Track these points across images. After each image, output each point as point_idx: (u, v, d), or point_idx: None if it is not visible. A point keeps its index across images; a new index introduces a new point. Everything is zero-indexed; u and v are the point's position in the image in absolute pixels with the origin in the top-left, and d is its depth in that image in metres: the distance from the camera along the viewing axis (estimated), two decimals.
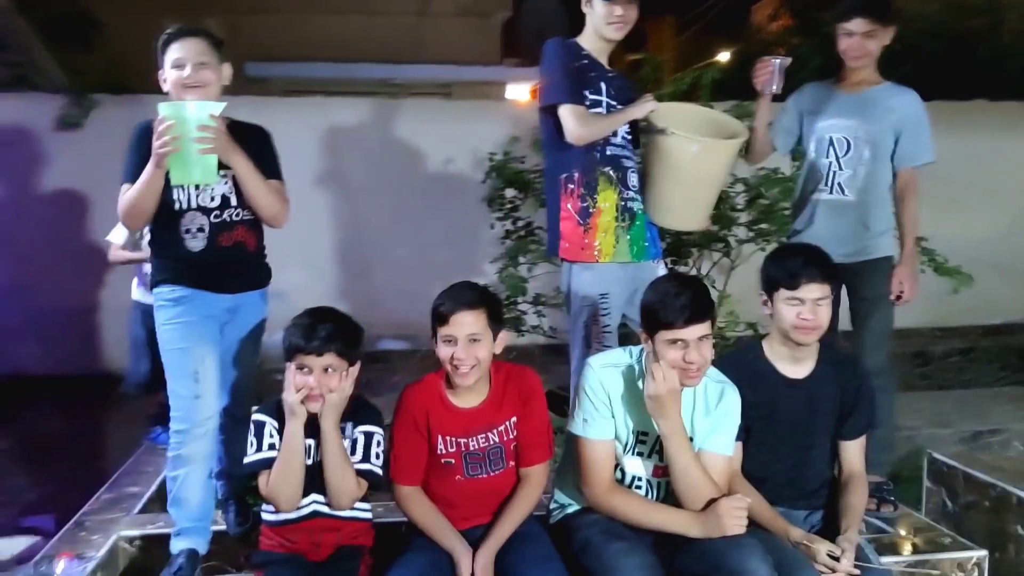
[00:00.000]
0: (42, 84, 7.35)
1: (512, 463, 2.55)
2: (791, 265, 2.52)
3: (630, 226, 3.04)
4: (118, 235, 4.09)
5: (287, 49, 10.01)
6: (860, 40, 3.16)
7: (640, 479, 2.52)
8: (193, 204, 2.65)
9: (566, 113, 2.94)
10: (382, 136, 6.89)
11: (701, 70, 4.75)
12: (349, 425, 2.50)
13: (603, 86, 3.04)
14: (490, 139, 5.28)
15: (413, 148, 6.90)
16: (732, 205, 4.70)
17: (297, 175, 6.49)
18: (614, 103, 3.06)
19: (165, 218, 2.65)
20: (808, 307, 2.48)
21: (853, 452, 2.67)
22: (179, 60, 2.61)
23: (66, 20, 7.96)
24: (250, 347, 2.85)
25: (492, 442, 2.51)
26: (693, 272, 4.81)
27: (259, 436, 2.47)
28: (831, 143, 3.25)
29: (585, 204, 2.99)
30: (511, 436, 2.53)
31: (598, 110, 3.02)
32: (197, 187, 2.63)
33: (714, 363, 2.59)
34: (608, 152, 3.01)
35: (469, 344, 2.40)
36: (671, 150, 2.95)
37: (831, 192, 3.26)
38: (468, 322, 2.40)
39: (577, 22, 3.16)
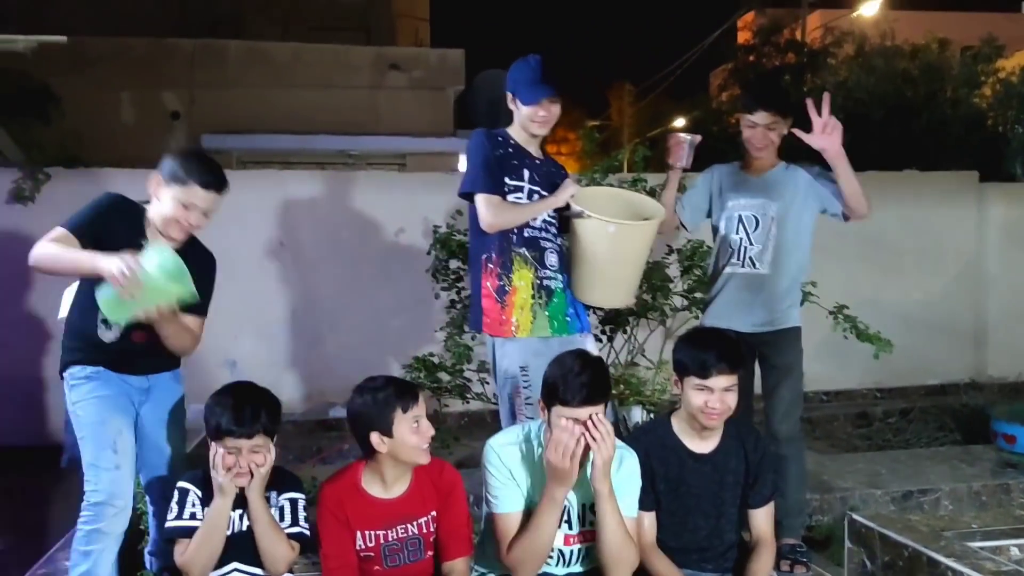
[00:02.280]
0: None
1: (431, 553, 2.59)
2: (701, 356, 2.63)
3: (547, 303, 3.15)
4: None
5: (244, 121, 10.16)
6: (763, 131, 3.37)
7: (552, 549, 2.58)
8: None
9: (480, 201, 3.09)
10: (336, 207, 6.94)
11: (633, 148, 4.97)
12: (274, 494, 2.59)
13: (526, 172, 3.18)
14: (442, 210, 5.39)
15: (366, 219, 6.97)
16: (666, 275, 4.86)
17: (252, 246, 6.67)
18: (537, 188, 3.20)
19: (85, 305, 2.70)
20: (716, 396, 2.61)
21: (761, 519, 2.79)
22: (192, 204, 2.65)
23: (23, 95, 8.02)
24: (172, 426, 2.89)
25: (411, 533, 2.56)
26: (627, 340, 4.94)
27: (181, 504, 2.53)
28: (740, 220, 3.43)
29: (502, 283, 3.11)
30: (430, 529, 2.58)
31: (518, 195, 3.16)
32: None
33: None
34: (526, 235, 3.15)
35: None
36: (590, 232, 3.08)
37: (743, 266, 3.43)
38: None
39: None
